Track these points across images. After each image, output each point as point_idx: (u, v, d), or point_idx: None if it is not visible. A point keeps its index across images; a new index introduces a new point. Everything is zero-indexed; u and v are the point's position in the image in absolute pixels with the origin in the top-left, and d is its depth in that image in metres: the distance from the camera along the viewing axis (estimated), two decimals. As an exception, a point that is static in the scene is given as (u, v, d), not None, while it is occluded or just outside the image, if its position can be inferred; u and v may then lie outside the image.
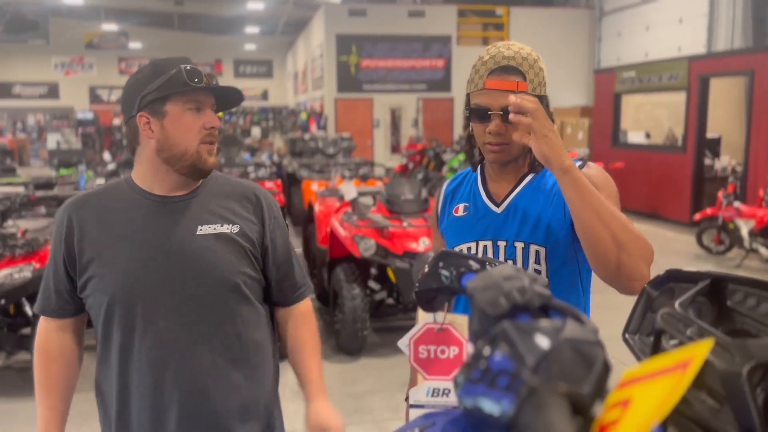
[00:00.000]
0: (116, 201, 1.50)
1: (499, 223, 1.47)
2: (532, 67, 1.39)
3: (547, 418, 0.47)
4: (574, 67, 17.07)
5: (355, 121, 16.42)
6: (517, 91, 1.35)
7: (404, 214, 4.82)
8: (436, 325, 0.98)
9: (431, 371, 0.99)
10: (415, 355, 1.00)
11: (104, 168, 8.57)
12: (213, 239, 1.47)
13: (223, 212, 1.51)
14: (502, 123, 1.37)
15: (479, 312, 0.71)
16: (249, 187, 1.61)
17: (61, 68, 25.32)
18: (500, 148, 1.41)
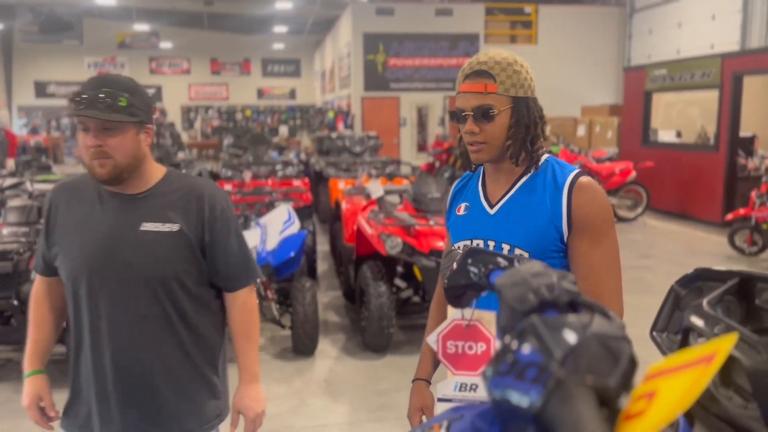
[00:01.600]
0: (84, 191, 1.76)
1: (492, 223, 1.54)
2: (505, 70, 1.46)
3: (574, 409, 0.49)
4: (603, 65, 16.87)
5: (382, 119, 16.46)
6: (485, 91, 1.44)
7: (431, 212, 4.83)
8: (464, 321, 1.00)
9: (459, 366, 1.00)
10: (444, 351, 1.01)
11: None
12: (153, 236, 1.70)
13: (167, 211, 1.72)
14: (474, 123, 1.46)
15: (507, 308, 0.72)
16: (197, 186, 1.79)
17: (94, 68, 25.80)
18: (477, 148, 1.49)
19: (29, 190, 5.73)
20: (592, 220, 1.45)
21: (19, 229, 4.19)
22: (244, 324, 1.87)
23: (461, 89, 1.49)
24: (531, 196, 1.50)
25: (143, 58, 25.98)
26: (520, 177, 1.54)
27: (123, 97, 1.64)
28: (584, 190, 1.46)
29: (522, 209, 1.50)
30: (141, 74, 26.03)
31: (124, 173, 1.68)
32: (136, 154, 1.68)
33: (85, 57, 25.30)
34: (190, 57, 26.45)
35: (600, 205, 1.46)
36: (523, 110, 1.47)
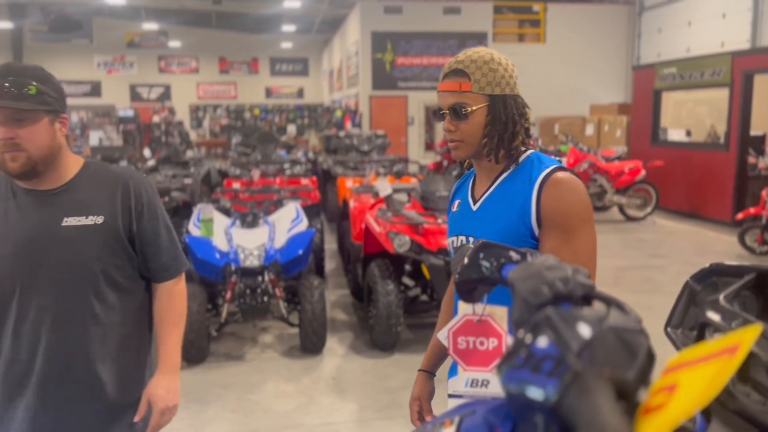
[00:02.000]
0: (2, 188, 1.69)
1: (472, 220, 1.58)
2: (480, 69, 1.48)
3: (592, 402, 0.48)
4: (612, 64, 16.79)
5: (390, 118, 16.45)
6: (460, 90, 1.47)
7: (439, 210, 4.82)
8: (476, 316, 0.99)
9: (470, 362, 0.99)
10: (455, 346, 1.00)
11: (144, 164, 8.75)
12: (76, 231, 1.63)
13: (90, 204, 1.66)
14: (450, 121, 1.49)
15: (521, 301, 0.71)
16: (120, 175, 1.72)
17: (104, 67, 25.94)
18: (455, 145, 1.52)
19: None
20: (560, 216, 1.43)
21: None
22: (171, 312, 1.82)
23: (439, 88, 1.52)
24: (506, 194, 1.51)
25: (152, 57, 26.07)
26: (500, 174, 1.55)
27: (32, 85, 1.57)
28: (556, 186, 1.45)
29: (498, 205, 1.52)
30: (150, 73, 26.14)
31: (39, 166, 1.59)
32: (51, 145, 1.60)
33: (94, 56, 25.44)
34: (199, 56, 26.52)
35: (571, 201, 1.44)
36: (499, 108, 1.48)
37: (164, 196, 6.32)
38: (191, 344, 4.28)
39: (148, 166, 8.37)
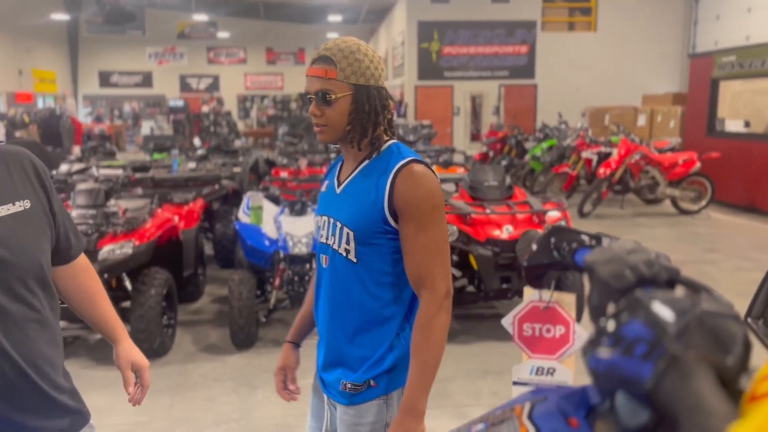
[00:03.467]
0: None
1: (335, 202, 1.64)
2: (346, 58, 1.51)
3: (693, 387, 0.45)
4: (666, 52, 16.28)
5: (436, 108, 16.34)
6: (326, 77, 1.51)
7: (488, 201, 4.76)
8: (542, 303, 0.97)
9: (536, 350, 0.97)
10: (519, 333, 0.98)
11: (194, 153, 8.92)
12: (10, 221, 1.39)
13: (9, 187, 1.41)
14: (316, 106, 1.53)
15: (601, 285, 0.69)
16: (19, 150, 1.49)
17: (155, 58, 26.53)
18: (320, 129, 1.56)
19: (95, 175, 5.93)
20: (414, 205, 1.50)
21: (87, 211, 4.33)
22: (96, 282, 1.70)
23: (307, 73, 1.56)
24: (366, 180, 1.58)
25: (201, 48, 26.53)
26: (362, 161, 1.61)
27: None
28: (409, 177, 1.52)
29: (357, 190, 1.59)
30: (199, 64, 26.62)
31: None
32: None
33: (146, 47, 26.04)
34: (247, 47, 26.87)
35: (424, 192, 1.51)
36: (362, 98, 1.52)
37: (215, 183, 6.43)
38: (240, 329, 4.35)
39: (198, 154, 8.53)
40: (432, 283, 1.51)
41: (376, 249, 1.56)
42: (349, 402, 1.61)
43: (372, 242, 1.56)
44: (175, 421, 3.53)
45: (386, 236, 1.55)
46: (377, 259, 1.57)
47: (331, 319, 1.64)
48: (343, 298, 1.60)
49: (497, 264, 4.41)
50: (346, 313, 1.61)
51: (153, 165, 7.38)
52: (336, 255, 1.60)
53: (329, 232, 1.62)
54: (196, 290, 5.45)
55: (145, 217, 4.55)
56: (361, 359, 1.59)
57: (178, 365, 4.25)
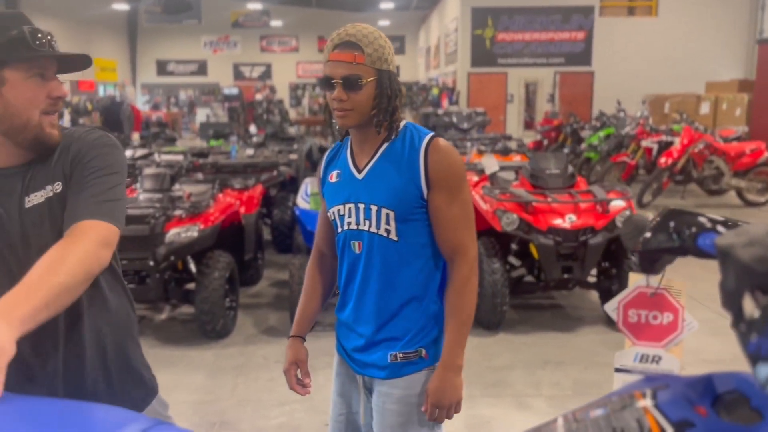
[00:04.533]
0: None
1: (360, 188, 1.67)
2: (372, 44, 1.56)
3: None
4: (732, 38, 15.63)
5: (488, 96, 16.14)
6: (354, 62, 1.54)
7: (549, 189, 4.68)
8: (650, 289, 0.94)
9: (641, 337, 0.95)
10: (624, 319, 0.96)
11: (251, 139, 9.06)
12: (43, 208, 1.36)
13: (47, 171, 1.38)
14: (342, 90, 1.55)
15: (739, 270, 0.66)
16: (78, 131, 1.45)
17: (209, 46, 27.01)
18: (344, 114, 1.57)
19: (157, 161, 6.10)
20: (446, 176, 1.61)
21: (154, 195, 4.46)
22: (55, 249, 1.43)
23: (331, 58, 1.57)
24: (392, 160, 1.64)
25: (254, 37, 26.88)
26: (381, 144, 1.66)
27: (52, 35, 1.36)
28: (439, 151, 1.61)
29: (385, 173, 1.64)
30: (252, 52, 26.98)
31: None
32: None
33: (201, 36, 26.52)
34: (299, 35, 27.08)
35: (453, 163, 1.62)
36: (386, 82, 1.58)
37: (273, 170, 6.52)
38: (300, 313, 4.41)
39: (255, 141, 8.66)
40: (465, 249, 1.63)
41: (414, 224, 1.64)
42: (398, 374, 1.67)
43: (411, 218, 1.63)
44: (240, 401, 3.62)
45: (422, 210, 1.63)
46: (416, 233, 1.65)
47: (373, 301, 1.67)
48: (385, 278, 1.65)
49: (559, 253, 4.33)
50: (389, 293, 1.66)
51: (211, 152, 7.52)
52: (374, 237, 1.64)
53: (360, 218, 1.66)
54: (256, 274, 5.55)
55: (208, 201, 4.65)
56: (406, 330, 1.66)
57: (240, 347, 4.34)
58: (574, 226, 4.31)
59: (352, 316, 1.72)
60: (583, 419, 0.81)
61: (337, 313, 1.81)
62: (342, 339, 1.80)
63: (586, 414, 0.82)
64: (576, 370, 3.96)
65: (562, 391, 3.70)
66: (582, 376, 3.87)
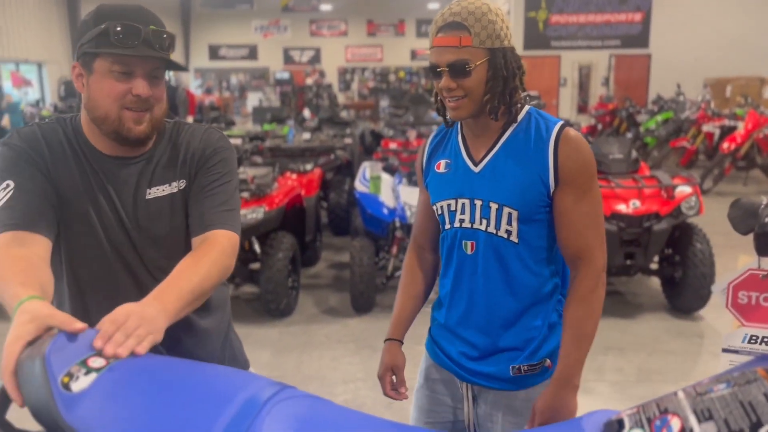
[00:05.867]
0: (68, 150, 1.38)
1: (477, 182, 1.50)
2: (479, 21, 1.38)
3: None
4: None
5: (541, 79, 15.88)
6: (460, 45, 1.37)
7: (612, 174, 4.63)
8: (762, 271, 0.96)
9: (750, 318, 0.97)
10: (734, 300, 0.98)
11: (307, 124, 9.19)
12: (163, 202, 1.41)
13: (170, 168, 1.42)
14: (450, 78, 1.40)
15: None
16: (198, 129, 1.49)
17: (260, 31, 27.30)
18: (456, 104, 1.42)
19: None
20: (578, 173, 1.42)
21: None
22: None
23: (435, 44, 1.41)
24: (516, 152, 1.46)
25: (304, 21, 27.03)
26: (502, 132, 1.49)
27: (168, 34, 1.34)
28: (570, 143, 1.43)
29: (508, 166, 1.46)
30: (302, 37, 27.16)
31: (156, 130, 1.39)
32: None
33: (252, 20, 26.82)
34: (348, 19, 27.10)
35: (585, 157, 1.44)
36: (500, 62, 1.40)
37: (329, 153, 6.62)
38: (360, 294, 4.50)
39: (310, 126, 8.78)
40: (591, 255, 1.44)
41: (536, 225, 1.49)
42: (521, 386, 1.53)
43: (534, 219, 1.47)
44: (305, 378, 3.73)
45: (545, 209, 1.47)
46: (537, 235, 1.49)
47: (487, 307, 1.53)
48: (502, 283, 1.51)
49: (622, 239, 4.29)
50: (506, 298, 1.52)
51: (266, 136, 7.67)
52: (491, 239, 1.49)
53: (475, 216, 1.50)
54: (314, 255, 5.67)
55: (271, 184, 4.77)
56: (527, 341, 1.52)
57: (302, 325, 4.46)
58: (638, 211, 4.26)
59: (461, 322, 1.58)
60: (706, 392, 0.84)
61: (435, 314, 1.67)
62: (443, 343, 1.63)
63: (708, 389, 0.85)
64: (639, 357, 3.93)
65: (626, 378, 3.69)
66: (645, 364, 3.85)
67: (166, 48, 1.32)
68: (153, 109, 1.34)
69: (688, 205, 4.30)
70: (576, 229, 1.44)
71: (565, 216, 1.45)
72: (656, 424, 0.81)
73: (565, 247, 1.48)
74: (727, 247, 4.90)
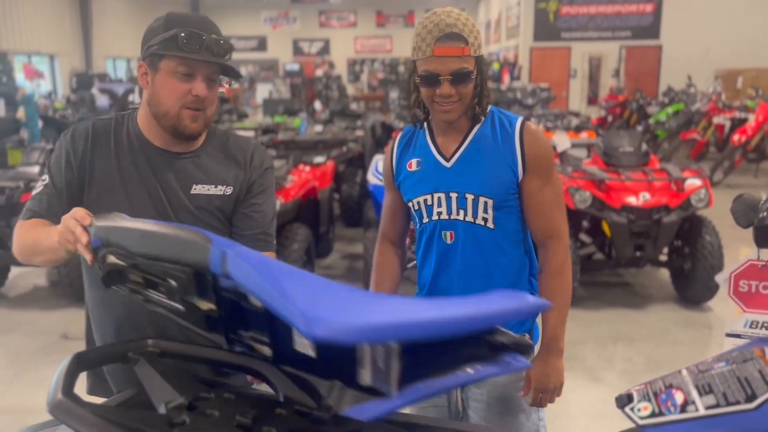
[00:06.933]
0: (122, 142, 1.53)
1: (450, 176, 1.60)
2: (472, 32, 1.50)
3: None
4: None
5: (551, 71, 15.89)
6: (462, 55, 1.48)
7: (623, 167, 4.69)
8: (761, 262, 1.04)
9: (750, 305, 1.05)
10: (735, 289, 1.06)
11: (317, 115, 9.27)
12: (204, 201, 1.52)
13: (218, 171, 1.54)
14: (451, 86, 1.50)
15: None
16: (247, 145, 1.61)
17: (269, 22, 27.37)
18: (451, 108, 1.52)
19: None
20: (542, 159, 1.57)
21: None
22: None
23: (436, 53, 1.49)
24: (485, 146, 1.59)
25: (313, 12, 27.07)
26: (471, 129, 1.61)
27: (226, 42, 1.47)
28: (533, 134, 1.58)
29: (479, 159, 1.58)
30: (311, 28, 27.21)
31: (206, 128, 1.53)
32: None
33: (261, 12, 26.89)
34: (357, 10, 27.11)
35: (546, 146, 1.60)
36: (483, 68, 1.55)
37: (342, 146, 6.71)
38: (374, 285, 4.60)
39: (322, 117, 8.86)
40: (559, 233, 1.60)
41: (508, 211, 1.60)
42: None
43: (506, 205, 1.59)
44: (321, 365, 3.84)
45: (515, 196, 1.60)
46: (510, 219, 1.61)
47: (468, 291, 1.63)
48: (481, 267, 1.62)
49: (632, 231, 4.36)
50: (487, 281, 1.62)
51: (277, 128, 7.75)
52: (470, 227, 1.60)
53: (452, 207, 1.60)
54: (328, 247, 5.77)
55: (285, 177, 4.86)
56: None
57: (317, 315, 4.57)
58: (648, 204, 4.33)
59: None
60: (707, 370, 0.93)
61: None
62: None
63: (709, 367, 0.94)
64: (648, 347, 4.02)
65: (635, 367, 3.77)
66: (654, 354, 3.93)
67: (223, 55, 1.45)
68: (207, 109, 1.48)
69: (698, 197, 4.36)
70: (544, 211, 1.59)
71: (534, 200, 1.58)
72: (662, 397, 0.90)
73: (535, 229, 1.62)
74: (736, 239, 4.95)
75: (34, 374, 3.75)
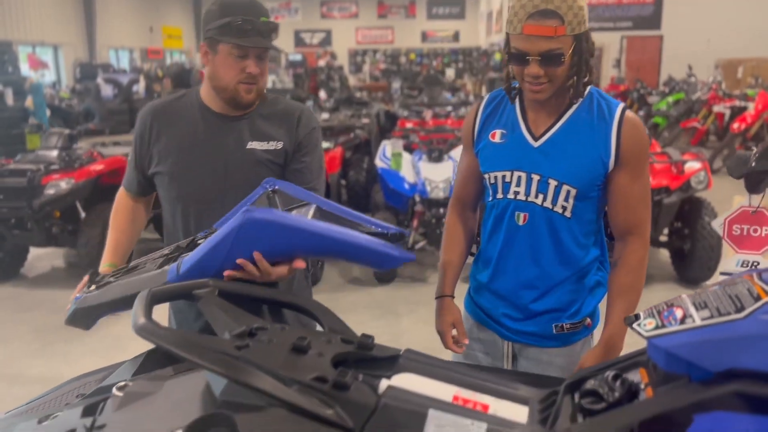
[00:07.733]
0: (185, 112, 1.78)
1: (536, 157, 1.51)
2: (571, 8, 1.36)
3: None
4: (814, -2, 14.94)
5: (553, 61, 15.96)
6: (555, 35, 1.36)
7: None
8: (752, 207, 1.18)
9: (742, 246, 1.19)
10: (729, 233, 1.20)
11: (323, 103, 9.39)
12: (261, 154, 1.72)
13: (269, 130, 1.74)
14: (540, 67, 1.40)
15: None
16: (295, 107, 1.82)
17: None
18: (540, 88, 1.43)
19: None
20: (636, 154, 1.46)
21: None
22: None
23: (525, 31, 1.37)
24: (579, 131, 1.49)
25: (315, 3, 27.10)
26: (566, 109, 1.50)
27: (273, 23, 1.73)
28: (632, 125, 1.47)
29: (570, 144, 1.48)
30: (313, 18, 27.24)
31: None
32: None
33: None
34: (358, 1, 27.13)
35: (644, 139, 1.48)
36: (584, 46, 1.42)
37: (349, 132, 6.84)
38: (383, 265, 4.74)
39: (328, 106, 8.99)
40: (643, 229, 1.51)
41: (589, 202, 1.52)
42: (563, 343, 1.61)
43: (589, 196, 1.51)
44: (334, 339, 3.99)
45: (599, 187, 1.51)
46: (589, 210, 1.54)
47: (536, 274, 1.58)
48: (550, 252, 1.55)
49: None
50: (554, 267, 1.56)
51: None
52: (546, 213, 1.53)
53: (531, 189, 1.53)
54: (336, 230, 5.90)
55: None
56: (570, 303, 1.59)
57: (329, 293, 4.72)
58: (649, 186, 4.46)
59: (507, 286, 1.63)
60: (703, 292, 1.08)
61: (479, 276, 1.71)
62: (485, 304, 1.70)
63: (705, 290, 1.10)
64: (648, 321, 4.16)
65: (634, 348, 3.91)
66: (654, 327, 4.07)
67: (270, 34, 1.69)
68: (259, 82, 1.72)
69: (698, 179, 4.50)
70: (631, 206, 1.49)
71: (621, 194, 1.49)
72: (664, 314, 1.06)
73: (617, 222, 1.54)
74: (734, 221, 5.10)
75: (59, 348, 3.90)
